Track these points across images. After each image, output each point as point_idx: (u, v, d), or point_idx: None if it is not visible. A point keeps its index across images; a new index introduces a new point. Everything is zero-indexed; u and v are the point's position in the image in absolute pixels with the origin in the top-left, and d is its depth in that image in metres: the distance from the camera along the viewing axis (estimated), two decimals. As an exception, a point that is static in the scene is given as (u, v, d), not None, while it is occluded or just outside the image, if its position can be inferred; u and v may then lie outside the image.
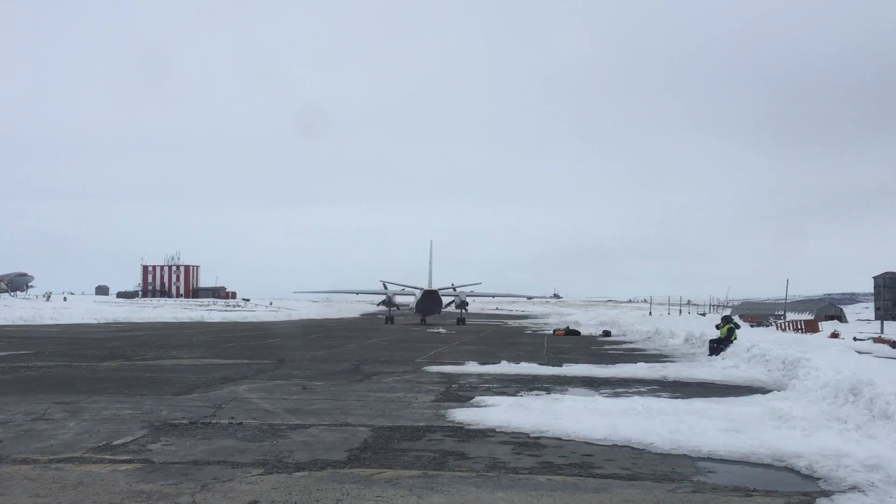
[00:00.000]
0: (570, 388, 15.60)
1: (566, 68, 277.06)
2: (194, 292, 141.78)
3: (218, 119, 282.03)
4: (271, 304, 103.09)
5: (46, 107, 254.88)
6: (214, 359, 22.10)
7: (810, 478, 8.21)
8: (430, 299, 58.47)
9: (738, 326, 25.43)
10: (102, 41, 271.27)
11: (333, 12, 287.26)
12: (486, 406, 12.67)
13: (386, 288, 62.63)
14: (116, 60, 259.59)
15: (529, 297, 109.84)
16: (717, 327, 25.41)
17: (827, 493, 7.48)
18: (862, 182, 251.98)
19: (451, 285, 63.98)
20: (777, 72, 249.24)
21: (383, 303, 62.69)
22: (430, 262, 63.96)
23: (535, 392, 14.81)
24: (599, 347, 31.45)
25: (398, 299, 63.05)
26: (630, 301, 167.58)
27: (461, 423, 11.07)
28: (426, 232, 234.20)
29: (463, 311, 61.06)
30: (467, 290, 63.96)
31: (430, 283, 61.57)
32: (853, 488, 7.59)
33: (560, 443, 9.84)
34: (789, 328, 46.90)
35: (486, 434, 10.35)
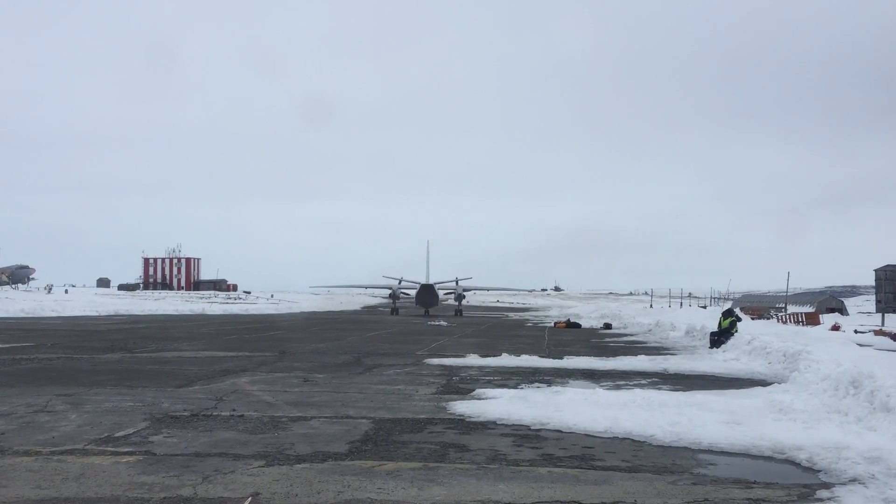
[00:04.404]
0: (570, 381, 15.63)
1: (569, 60, 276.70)
2: (195, 285, 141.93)
3: (219, 112, 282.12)
4: (272, 296, 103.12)
5: (47, 100, 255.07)
6: (216, 351, 22.12)
7: (811, 470, 8.21)
8: (426, 292, 65.45)
9: (739, 319, 25.42)
10: (104, 34, 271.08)
11: (336, 5, 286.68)
12: (486, 398, 12.69)
13: (399, 283, 69.28)
14: (118, 54, 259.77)
15: (530, 290, 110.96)
16: (720, 324, 25.37)
17: (827, 486, 7.49)
18: (863, 175, 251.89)
19: (454, 279, 69.35)
20: (781, 64, 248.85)
21: (389, 296, 70.22)
22: (427, 260, 71.46)
23: (536, 384, 14.83)
24: (600, 340, 31.46)
25: (402, 293, 70.19)
26: (631, 294, 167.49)
27: (462, 416, 11.09)
28: (427, 225, 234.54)
29: (460, 303, 66.66)
30: (463, 283, 69.45)
31: (427, 277, 68.48)
32: (854, 480, 7.60)
33: (561, 435, 9.85)
34: (790, 321, 46.87)
35: (486, 426, 10.37)
